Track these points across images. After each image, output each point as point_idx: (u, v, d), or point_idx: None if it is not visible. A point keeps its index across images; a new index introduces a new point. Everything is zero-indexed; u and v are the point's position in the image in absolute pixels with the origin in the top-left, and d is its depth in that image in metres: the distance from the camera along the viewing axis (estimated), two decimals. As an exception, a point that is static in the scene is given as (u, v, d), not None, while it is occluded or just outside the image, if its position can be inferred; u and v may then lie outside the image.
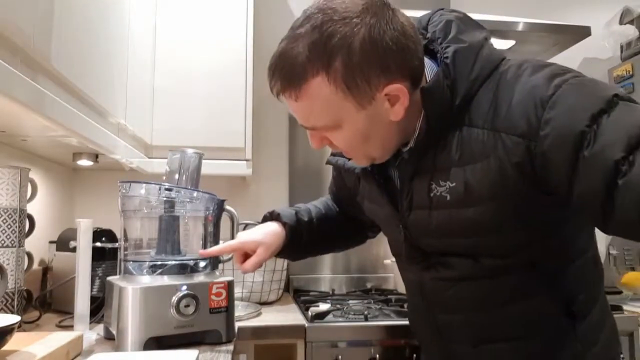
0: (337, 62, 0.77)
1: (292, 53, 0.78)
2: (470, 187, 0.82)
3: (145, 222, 1.17)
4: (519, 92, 0.78)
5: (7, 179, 1.20)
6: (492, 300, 0.90)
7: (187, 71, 1.75)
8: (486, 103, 0.81)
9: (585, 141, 0.70)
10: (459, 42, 0.84)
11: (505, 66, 0.84)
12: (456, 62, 0.82)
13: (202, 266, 1.15)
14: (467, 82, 0.82)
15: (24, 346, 0.88)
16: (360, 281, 2.08)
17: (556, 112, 0.73)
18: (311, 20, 0.78)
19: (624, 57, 2.18)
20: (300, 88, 0.79)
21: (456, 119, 0.83)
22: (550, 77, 0.76)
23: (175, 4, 1.77)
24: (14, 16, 0.75)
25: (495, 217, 0.82)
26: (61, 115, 0.94)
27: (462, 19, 0.89)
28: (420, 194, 0.89)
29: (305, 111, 0.83)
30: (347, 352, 1.37)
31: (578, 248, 0.90)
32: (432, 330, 1.00)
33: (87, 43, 1.12)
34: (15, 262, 1.20)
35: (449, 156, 0.84)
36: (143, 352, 1.00)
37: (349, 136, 0.85)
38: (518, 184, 0.78)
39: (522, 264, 0.87)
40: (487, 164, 0.80)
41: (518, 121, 0.76)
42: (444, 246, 0.91)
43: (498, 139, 0.78)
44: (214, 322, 1.10)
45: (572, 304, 0.88)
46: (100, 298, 1.27)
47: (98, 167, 1.78)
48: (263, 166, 2.13)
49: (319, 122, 0.84)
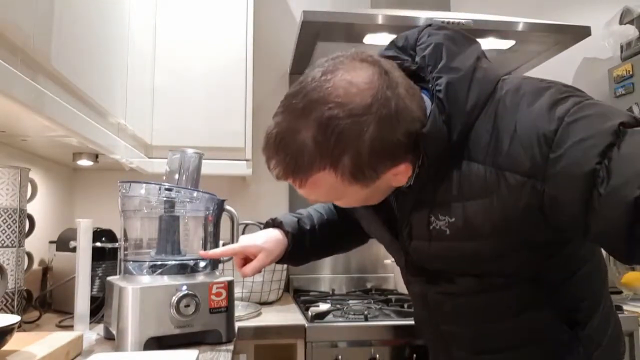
0: (345, 159, 0.74)
1: (296, 144, 0.75)
2: (470, 223, 0.80)
3: (145, 222, 1.17)
4: (520, 125, 0.74)
5: (7, 179, 1.20)
6: (495, 312, 0.90)
7: (187, 71, 1.75)
8: (486, 134, 0.78)
9: (598, 179, 0.67)
10: (450, 72, 0.80)
11: (502, 91, 0.80)
12: (449, 95, 0.79)
13: (202, 266, 1.15)
14: (463, 115, 0.79)
15: (24, 346, 0.88)
16: (360, 281, 2.08)
17: (563, 149, 0.70)
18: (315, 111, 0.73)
19: (624, 57, 2.18)
20: (306, 179, 0.78)
21: (455, 152, 0.80)
22: (551, 107, 0.73)
23: (175, 4, 1.77)
24: (14, 16, 0.75)
25: (495, 250, 0.81)
26: (61, 115, 0.94)
27: (452, 38, 0.85)
28: (419, 226, 0.88)
29: (308, 192, 0.82)
30: (347, 352, 1.37)
31: (581, 258, 0.89)
32: (435, 338, 1.01)
33: (87, 43, 1.12)
34: (15, 262, 1.20)
35: (448, 190, 0.82)
36: (143, 352, 1.00)
37: (349, 203, 0.89)
38: (523, 224, 0.76)
39: (525, 279, 0.86)
40: (489, 203, 0.77)
41: (522, 159, 0.73)
42: (445, 268, 0.91)
43: (501, 177, 0.75)
44: (214, 322, 1.10)
45: (575, 311, 0.87)
46: (100, 298, 1.27)
47: (98, 167, 1.78)
48: (263, 166, 2.07)
49: (321, 199, 0.87)
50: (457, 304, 0.92)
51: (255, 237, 1.15)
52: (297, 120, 0.75)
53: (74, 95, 1.03)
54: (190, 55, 1.76)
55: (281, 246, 1.14)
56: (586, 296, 0.89)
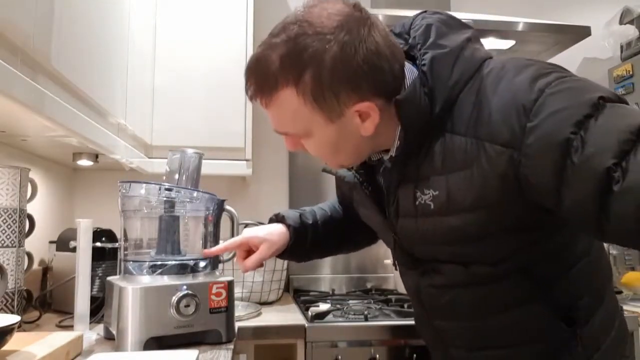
0: (307, 76, 0.77)
1: (266, 61, 0.80)
2: (452, 196, 0.81)
3: (145, 222, 1.17)
4: (501, 96, 0.76)
5: (7, 179, 1.20)
6: (486, 308, 0.89)
7: (187, 71, 1.76)
8: (468, 108, 0.79)
9: (572, 148, 0.67)
10: (437, 48, 0.82)
11: (488, 68, 0.82)
12: (434, 68, 0.81)
13: (202, 266, 1.15)
14: (446, 89, 0.80)
15: (24, 346, 0.88)
16: (360, 281, 2.08)
17: (540, 119, 0.70)
18: (287, 31, 0.79)
19: (624, 57, 2.18)
20: (270, 96, 0.81)
21: (438, 125, 0.82)
22: (533, 80, 0.74)
23: (175, 4, 1.77)
24: (14, 16, 0.75)
25: (479, 226, 0.81)
26: (61, 115, 0.94)
27: (445, 21, 0.87)
28: (405, 202, 0.89)
29: (276, 118, 0.85)
30: (347, 352, 1.37)
31: (576, 253, 0.88)
32: (432, 335, 1.01)
33: (87, 43, 1.12)
34: (15, 262, 1.20)
35: (432, 164, 0.83)
36: (143, 352, 1.00)
37: (319, 145, 0.87)
38: (502, 195, 0.76)
39: (515, 271, 0.85)
40: (470, 174, 0.78)
41: (501, 129, 0.74)
42: (433, 253, 0.91)
43: (481, 148, 0.76)
44: (214, 322, 1.10)
45: (572, 309, 0.86)
46: (100, 298, 1.27)
47: (98, 167, 1.78)
48: (263, 166, 2.13)
49: (290, 130, 0.86)
50: (450, 298, 0.92)
51: (258, 229, 1.16)
52: (271, 42, 0.80)
53: (74, 95, 1.03)
54: (190, 55, 1.76)
55: (283, 239, 1.14)
56: (584, 294, 0.88)
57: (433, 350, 1.07)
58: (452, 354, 0.97)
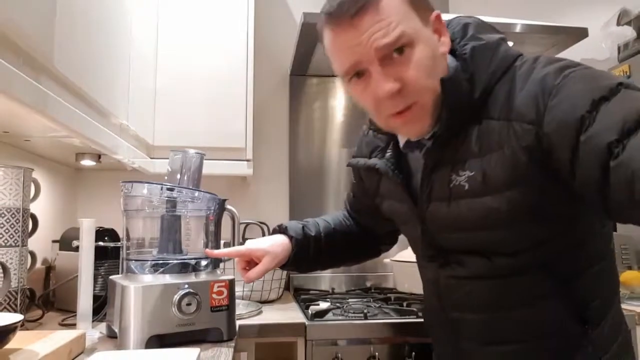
0: None
1: None
2: (487, 176, 0.84)
3: (147, 222, 1.18)
4: (531, 83, 0.81)
5: (10, 178, 1.21)
6: (504, 302, 0.90)
7: (189, 72, 1.77)
8: (502, 96, 0.84)
9: (584, 126, 0.72)
10: (476, 40, 0.89)
11: (521, 61, 0.87)
12: (474, 57, 0.87)
13: (203, 265, 1.16)
14: (485, 76, 0.86)
15: (26, 344, 0.89)
16: (360, 280, 2.09)
17: (560, 97, 0.76)
18: None
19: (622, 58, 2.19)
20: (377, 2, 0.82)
21: (476, 112, 0.86)
22: (562, 69, 0.79)
23: (177, 6, 1.79)
24: (16, 17, 0.76)
25: (510, 207, 0.83)
26: (64, 116, 0.95)
27: (479, 23, 0.94)
28: (440, 185, 0.91)
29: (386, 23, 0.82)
30: (347, 350, 1.38)
31: (593, 254, 0.90)
32: (445, 328, 1.01)
33: (90, 44, 1.12)
34: (18, 261, 1.21)
35: (468, 148, 0.87)
36: (145, 350, 1.01)
37: (423, 55, 0.84)
38: (529, 169, 0.80)
39: (535, 266, 0.87)
40: (502, 153, 0.82)
41: (528, 109, 0.79)
42: (459, 242, 0.92)
43: (510, 128, 0.81)
44: (215, 320, 1.11)
45: (585, 310, 0.88)
46: (102, 297, 1.29)
47: (101, 167, 1.79)
48: (263, 166, 2.14)
49: (400, 30, 0.82)
50: (469, 290, 0.93)
51: (261, 241, 1.17)
52: None
53: (76, 96, 1.04)
54: (192, 57, 1.77)
55: (285, 250, 1.17)
56: (597, 297, 0.89)
57: (442, 345, 1.07)
58: (464, 348, 0.97)
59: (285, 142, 2.18)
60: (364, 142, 1.14)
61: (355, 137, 1.20)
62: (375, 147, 1.08)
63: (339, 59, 0.87)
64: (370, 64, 0.83)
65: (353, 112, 2.18)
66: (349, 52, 0.84)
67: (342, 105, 2.20)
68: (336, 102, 2.20)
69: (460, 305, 0.96)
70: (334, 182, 2.16)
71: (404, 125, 0.90)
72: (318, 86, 2.19)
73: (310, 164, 2.16)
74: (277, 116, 2.19)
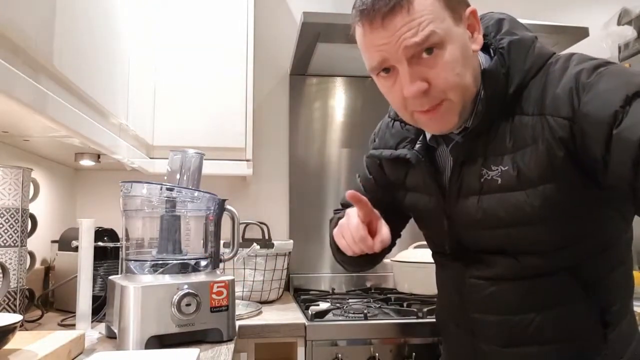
0: None
1: None
2: (521, 171, 0.84)
3: (146, 222, 1.18)
4: (565, 78, 0.81)
5: (9, 178, 1.21)
6: (529, 303, 0.90)
7: (189, 72, 1.76)
8: (536, 92, 0.84)
9: (617, 121, 0.73)
10: (512, 35, 0.89)
11: (555, 59, 0.87)
12: (511, 52, 0.87)
13: (203, 265, 1.16)
14: (521, 72, 0.86)
15: (25, 345, 0.89)
16: (360, 280, 2.09)
17: (593, 93, 0.76)
18: None
19: (622, 57, 2.19)
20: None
21: (509, 107, 0.87)
22: (596, 66, 0.80)
23: (177, 5, 1.78)
24: (15, 17, 0.75)
25: (543, 203, 0.83)
26: (63, 115, 0.95)
27: (513, 19, 0.94)
28: (470, 179, 0.91)
29: (417, 22, 0.81)
30: (347, 350, 1.38)
31: (616, 258, 0.90)
32: (463, 328, 1.00)
33: (89, 44, 1.12)
34: (17, 262, 1.21)
35: (501, 143, 0.87)
36: (144, 351, 1.00)
37: (453, 56, 0.83)
38: (565, 163, 0.80)
39: (562, 268, 0.87)
40: (535, 148, 0.82)
41: (563, 104, 0.80)
42: (487, 239, 0.92)
43: (544, 122, 0.82)
44: (215, 320, 1.11)
45: (606, 314, 0.88)
46: (102, 297, 1.28)
47: (100, 167, 1.79)
48: (263, 166, 2.14)
49: (430, 29, 0.80)
50: (493, 290, 0.92)
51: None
52: None
53: (76, 95, 1.03)
54: (191, 56, 1.77)
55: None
56: (617, 300, 0.90)
57: (458, 345, 1.05)
58: (482, 349, 0.97)
59: (285, 142, 2.18)
60: (388, 133, 1.09)
61: (355, 137, 1.19)
62: (404, 138, 1.05)
63: (368, 55, 0.87)
64: (399, 63, 0.83)
65: (353, 112, 2.18)
66: (378, 50, 0.84)
67: (342, 105, 2.19)
68: (336, 102, 2.19)
69: (483, 305, 0.95)
70: (334, 182, 2.16)
71: (429, 121, 0.89)
72: (318, 86, 2.19)
73: (310, 164, 2.16)
74: (277, 116, 2.19)
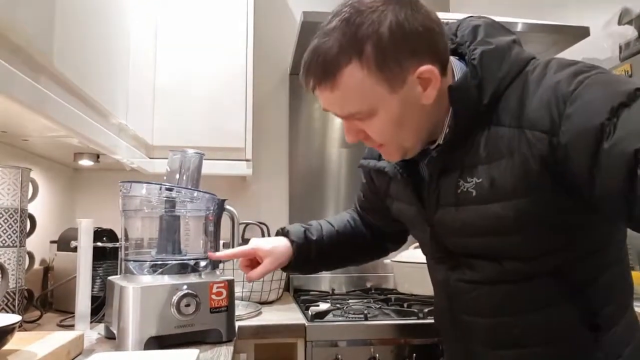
0: (368, 47, 0.79)
1: (324, 47, 0.81)
2: (495, 183, 0.83)
3: (146, 222, 1.18)
4: (544, 89, 0.79)
5: (8, 179, 1.21)
6: (515, 306, 0.90)
7: (188, 72, 1.76)
8: (513, 102, 0.83)
9: (605, 134, 0.70)
10: (485, 45, 0.86)
11: (533, 66, 0.85)
12: (483, 62, 0.85)
13: (202, 266, 1.16)
14: (495, 81, 0.84)
15: (24, 345, 0.89)
16: (360, 280, 2.09)
17: (577, 105, 0.74)
18: (339, 15, 0.81)
19: (623, 57, 2.18)
20: (334, 78, 0.81)
21: (484, 118, 0.85)
22: (575, 74, 0.77)
23: (176, 5, 1.78)
24: (15, 16, 0.75)
25: (518, 215, 0.82)
26: (62, 115, 0.95)
27: (491, 24, 0.91)
28: (447, 191, 0.90)
29: (341, 100, 0.84)
30: (347, 351, 1.37)
31: (608, 260, 0.89)
32: (455, 330, 1.00)
33: (89, 44, 1.12)
34: (16, 262, 1.21)
35: (476, 154, 0.86)
36: (144, 352, 1.00)
37: (383, 123, 0.85)
38: (541, 177, 0.78)
39: (547, 272, 0.86)
40: (511, 160, 0.81)
41: (541, 117, 0.77)
42: (469, 246, 0.92)
43: (522, 135, 0.79)
44: (215, 321, 1.11)
45: (596, 316, 0.87)
46: (101, 297, 1.28)
47: (99, 167, 1.79)
48: (263, 166, 2.13)
49: (354, 108, 0.84)
50: (478, 294, 0.92)
51: (265, 241, 1.19)
52: (325, 30, 0.82)
53: (75, 95, 1.03)
54: (191, 56, 1.77)
55: (287, 254, 1.18)
56: (610, 302, 0.88)
57: (453, 346, 1.06)
58: (475, 351, 0.97)
59: (285, 142, 2.18)
60: None
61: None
62: None
63: None
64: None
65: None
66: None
67: (342, 105, 2.19)
68: (336, 101, 2.19)
69: (469, 308, 0.95)
70: (334, 182, 2.16)
71: (383, 154, 0.95)
72: (318, 86, 2.18)
73: (310, 163, 2.15)
74: (277, 116, 2.19)
